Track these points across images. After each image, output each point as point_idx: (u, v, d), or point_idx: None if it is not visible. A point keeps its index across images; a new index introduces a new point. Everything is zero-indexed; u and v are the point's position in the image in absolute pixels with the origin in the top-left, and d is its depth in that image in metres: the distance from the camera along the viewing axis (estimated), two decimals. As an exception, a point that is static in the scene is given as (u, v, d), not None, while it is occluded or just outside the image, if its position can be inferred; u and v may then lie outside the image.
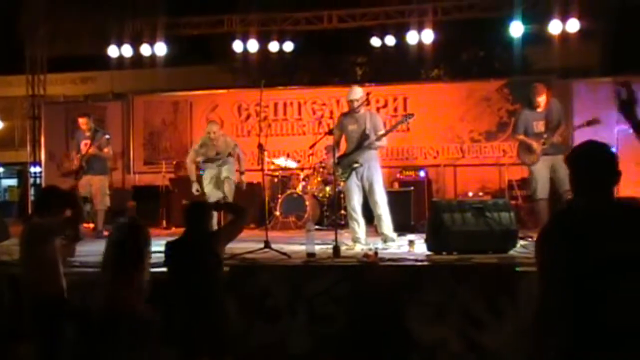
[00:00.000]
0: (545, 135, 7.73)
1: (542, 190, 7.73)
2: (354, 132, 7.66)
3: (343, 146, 7.85)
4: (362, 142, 7.58)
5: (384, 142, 7.77)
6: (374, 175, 7.62)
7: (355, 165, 7.56)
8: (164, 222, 11.09)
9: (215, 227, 5.95)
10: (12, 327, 5.80)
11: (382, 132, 7.66)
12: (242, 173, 8.84)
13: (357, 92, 7.78)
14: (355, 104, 7.68)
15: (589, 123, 7.93)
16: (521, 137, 7.93)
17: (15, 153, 20.99)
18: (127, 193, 12.17)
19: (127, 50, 12.98)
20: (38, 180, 13.54)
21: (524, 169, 8.42)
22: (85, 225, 11.39)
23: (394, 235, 7.67)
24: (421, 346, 5.51)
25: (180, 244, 4.87)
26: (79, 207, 5.19)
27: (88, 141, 9.57)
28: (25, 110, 14.04)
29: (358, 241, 7.58)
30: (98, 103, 14.28)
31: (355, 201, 7.65)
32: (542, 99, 7.84)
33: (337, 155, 7.68)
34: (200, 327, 4.51)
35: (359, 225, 7.64)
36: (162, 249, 4.83)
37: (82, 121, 9.75)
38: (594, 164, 2.75)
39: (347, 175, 7.63)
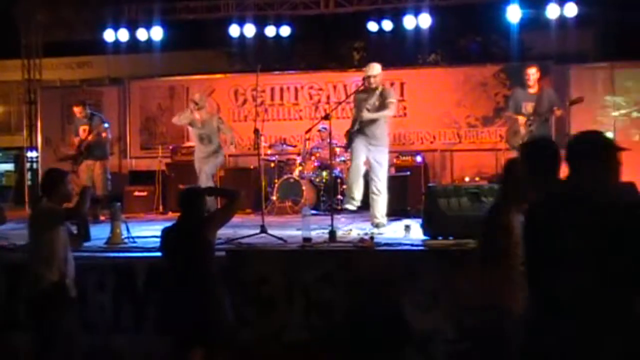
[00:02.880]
0: (532, 118, 7.75)
1: None
2: (360, 107, 7.81)
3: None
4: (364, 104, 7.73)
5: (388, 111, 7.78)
6: (382, 158, 7.75)
7: (353, 134, 7.72)
8: (161, 207, 11.10)
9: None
10: (8, 316, 5.80)
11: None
12: (232, 143, 9.84)
13: (376, 69, 7.84)
14: (372, 80, 7.78)
15: (572, 102, 7.99)
16: (509, 112, 7.99)
17: (11, 138, 20.94)
18: (124, 178, 12.17)
19: (123, 35, 12.91)
20: (35, 165, 13.51)
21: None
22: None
23: (384, 220, 7.74)
24: (417, 332, 5.54)
25: (175, 230, 4.87)
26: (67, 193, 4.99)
27: (86, 126, 9.61)
28: (22, 95, 13.96)
29: (351, 203, 7.72)
30: (94, 88, 14.21)
31: (360, 160, 7.71)
32: (533, 77, 7.86)
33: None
34: (193, 315, 4.51)
35: (358, 187, 7.72)
36: (156, 234, 4.84)
37: (77, 110, 9.86)
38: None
39: (352, 140, 7.74)
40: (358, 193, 7.74)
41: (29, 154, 13.85)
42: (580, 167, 2.78)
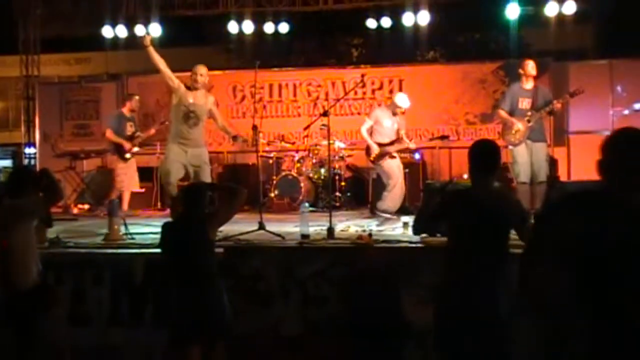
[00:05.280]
0: (529, 113, 7.74)
1: (524, 174, 7.73)
2: (388, 128, 8.83)
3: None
4: (395, 140, 8.82)
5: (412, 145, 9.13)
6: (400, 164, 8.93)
7: (388, 156, 8.75)
8: (159, 204, 11.09)
9: None
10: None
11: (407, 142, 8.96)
12: (235, 137, 7.93)
13: (406, 102, 8.95)
14: (397, 111, 8.87)
15: (572, 94, 7.96)
16: (503, 114, 7.92)
17: (9, 134, 20.94)
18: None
19: (121, 31, 12.90)
20: (32, 161, 13.50)
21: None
22: (80, 206, 11.43)
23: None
24: (415, 327, 5.53)
25: (176, 226, 4.86)
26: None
27: (132, 123, 9.64)
28: (20, 91, 13.96)
29: (386, 212, 8.49)
30: (92, 84, 14.21)
31: (400, 177, 8.77)
32: (531, 68, 7.85)
33: (370, 139, 8.81)
34: (193, 311, 4.50)
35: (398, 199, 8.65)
36: (158, 229, 4.82)
37: (137, 99, 10.11)
38: None
39: (379, 159, 8.73)
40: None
41: (27, 150, 13.84)
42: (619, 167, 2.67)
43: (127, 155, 9.81)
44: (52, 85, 14.70)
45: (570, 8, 11.50)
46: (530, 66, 7.88)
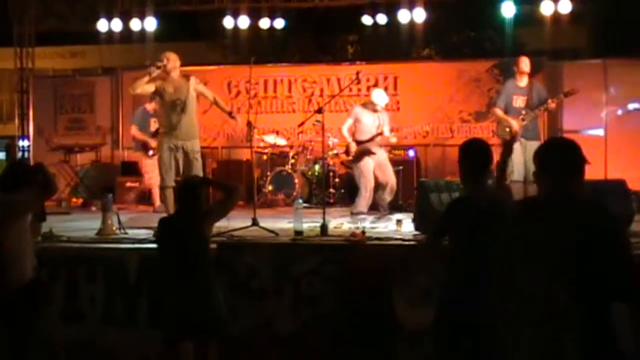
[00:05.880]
0: (524, 112, 7.76)
1: (517, 172, 7.75)
2: (369, 125, 8.86)
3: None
4: (375, 136, 8.81)
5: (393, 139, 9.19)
6: (384, 158, 9.01)
7: (370, 153, 8.77)
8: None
9: None
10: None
11: (387, 133, 8.95)
12: (230, 113, 7.84)
13: (382, 99, 8.98)
14: (377, 107, 8.91)
15: (566, 94, 8.00)
16: (499, 113, 7.95)
17: (2, 127, 20.86)
18: (116, 169, 12.14)
19: (116, 25, 12.86)
20: (26, 154, 13.45)
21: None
22: (74, 200, 11.42)
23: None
24: (408, 326, 5.55)
25: (173, 221, 4.86)
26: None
27: (156, 119, 9.61)
28: (14, 84, 13.89)
29: (360, 213, 8.41)
30: (86, 78, 14.17)
31: (371, 177, 8.76)
32: (525, 65, 7.87)
33: (350, 138, 8.94)
34: (186, 308, 4.51)
35: (367, 199, 8.71)
36: (151, 225, 4.82)
37: (150, 106, 10.00)
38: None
39: (358, 158, 8.80)
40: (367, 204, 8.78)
41: (21, 143, 13.80)
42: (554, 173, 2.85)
43: (151, 152, 9.80)
44: (46, 79, 14.64)
45: (565, 7, 11.52)
46: (524, 63, 7.90)
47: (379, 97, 8.96)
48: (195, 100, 7.52)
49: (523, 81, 7.90)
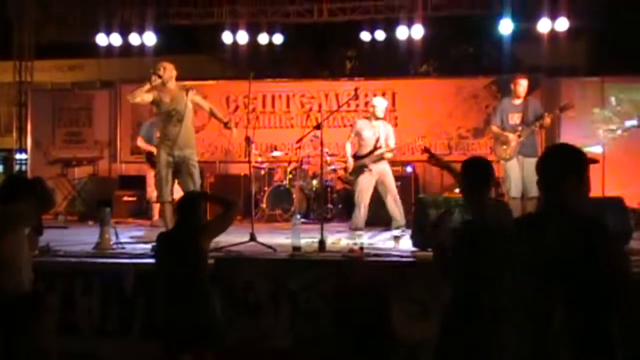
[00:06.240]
0: (520, 128, 7.78)
1: (515, 189, 7.76)
2: (369, 139, 8.51)
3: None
4: (374, 150, 8.46)
5: (393, 153, 8.77)
6: (386, 169, 8.57)
7: (366, 169, 8.44)
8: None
9: None
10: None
11: (392, 146, 8.63)
12: (227, 124, 7.63)
13: (383, 103, 8.73)
14: (377, 112, 8.58)
15: (562, 109, 8.03)
16: (495, 129, 7.98)
17: (0, 139, 20.82)
18: (113, 182, 12.14)
19: (115, 39, 12.91)
20: (24, 168, 13.45)
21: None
22: (69, 218, 11.38)
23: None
24: (405, 343, 5.53)
25: (171, 236, 4.86)
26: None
27: None
28: (12, 97, 13.91)
29: (358, 229, 8.16)
30: (85, 91, 14.20)
31: (368, 194, 8.44)
32: (522, 87, 7.90)
33: (350, 154, 8.69)
34: (184, 321, 4.50)
35: (362, 216, 8.35)
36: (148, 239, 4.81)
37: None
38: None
39: (356, 173, 8.52)
40: (362, 222, 8.45)
41: (18, 156, 13.79)
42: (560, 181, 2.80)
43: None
44: (44, 92, 14.68)
45: (562, 25, 11.59)
46: (521, 87, 7.91)
47: (379, 100, 8.85)
48: (192, 111, 7.48)
49: (519, 99, 7.93)
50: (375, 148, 8.51)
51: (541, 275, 2.68)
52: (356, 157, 8.63)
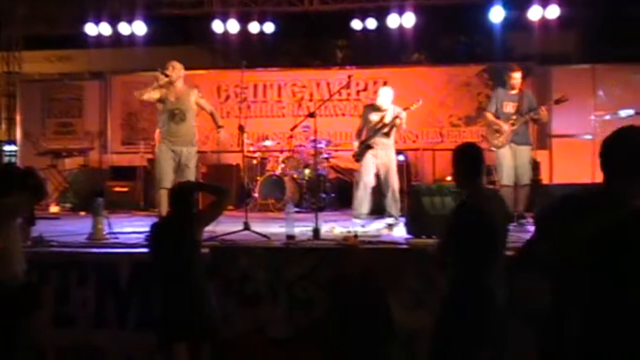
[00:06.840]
0: (514, 117, 7.80)
1: (507, 177, 7.79)
2: (375, 121, 8.28)
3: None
4: (378, 130, 8.20)
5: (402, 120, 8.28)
6: (391, 163, 8.26)
7: (370, 150, 8.17)
8: (142, 203, 11.03)
9: None
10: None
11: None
12: (220, 127, 7.87)
13: (386, 92, 8.48)
14: (378, 100, 8.37)
15: (557, 101, 8.05)
16: (490, 117, 7.99)
17: (-11, 131, 20.70)
18: (104, 173, 12.08)
19: (105, 29, 12.80)
20: (13, 159, 13.38)
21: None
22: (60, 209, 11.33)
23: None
24: (401, 330, 5.54)
25: (164, 226, 4.84)
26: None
27: None
28: (1, 88, 13.81)
29: (359, 217, 8.01)
30: (75, 82, 14.10)
31: (370, 177, 8.15)
32: (516, 80, 7.91)
33: (360, 140, 8.38)
34: (178, 312, 4.49)
35: (366, 202, 8.13)
36: (138, 229, 4.80)
37: None
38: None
39: (361, 155, 8.25)
40: (365, 209, 8.20)
41: (8, 148, 13.72)
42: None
43: None
44: (34, 83, 14.56)
45: (553, 12, 11.58)
46: (515, 79, 7.94)
47: (382, 90, 8.70)
48: (194, 111, 7.65)
49: (514, 87, 7.96)
50: (380, 127, 8.25)
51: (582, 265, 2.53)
52: (362, 142, 8.42)
